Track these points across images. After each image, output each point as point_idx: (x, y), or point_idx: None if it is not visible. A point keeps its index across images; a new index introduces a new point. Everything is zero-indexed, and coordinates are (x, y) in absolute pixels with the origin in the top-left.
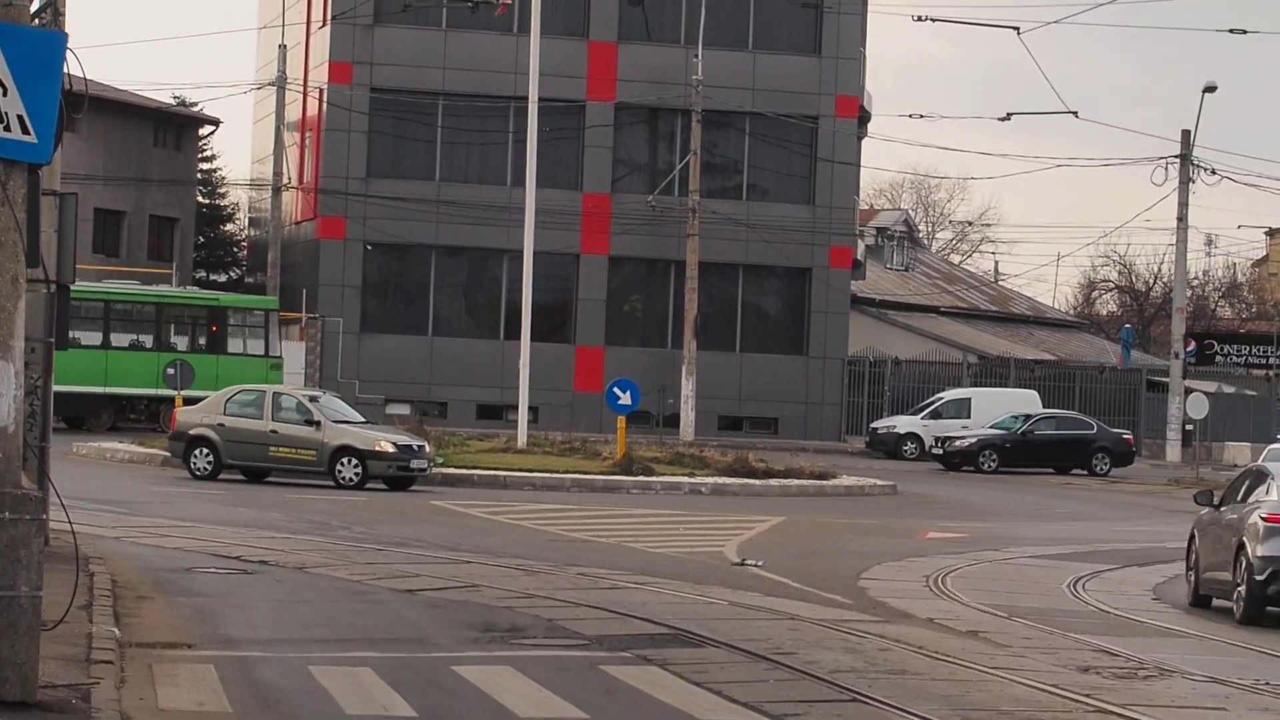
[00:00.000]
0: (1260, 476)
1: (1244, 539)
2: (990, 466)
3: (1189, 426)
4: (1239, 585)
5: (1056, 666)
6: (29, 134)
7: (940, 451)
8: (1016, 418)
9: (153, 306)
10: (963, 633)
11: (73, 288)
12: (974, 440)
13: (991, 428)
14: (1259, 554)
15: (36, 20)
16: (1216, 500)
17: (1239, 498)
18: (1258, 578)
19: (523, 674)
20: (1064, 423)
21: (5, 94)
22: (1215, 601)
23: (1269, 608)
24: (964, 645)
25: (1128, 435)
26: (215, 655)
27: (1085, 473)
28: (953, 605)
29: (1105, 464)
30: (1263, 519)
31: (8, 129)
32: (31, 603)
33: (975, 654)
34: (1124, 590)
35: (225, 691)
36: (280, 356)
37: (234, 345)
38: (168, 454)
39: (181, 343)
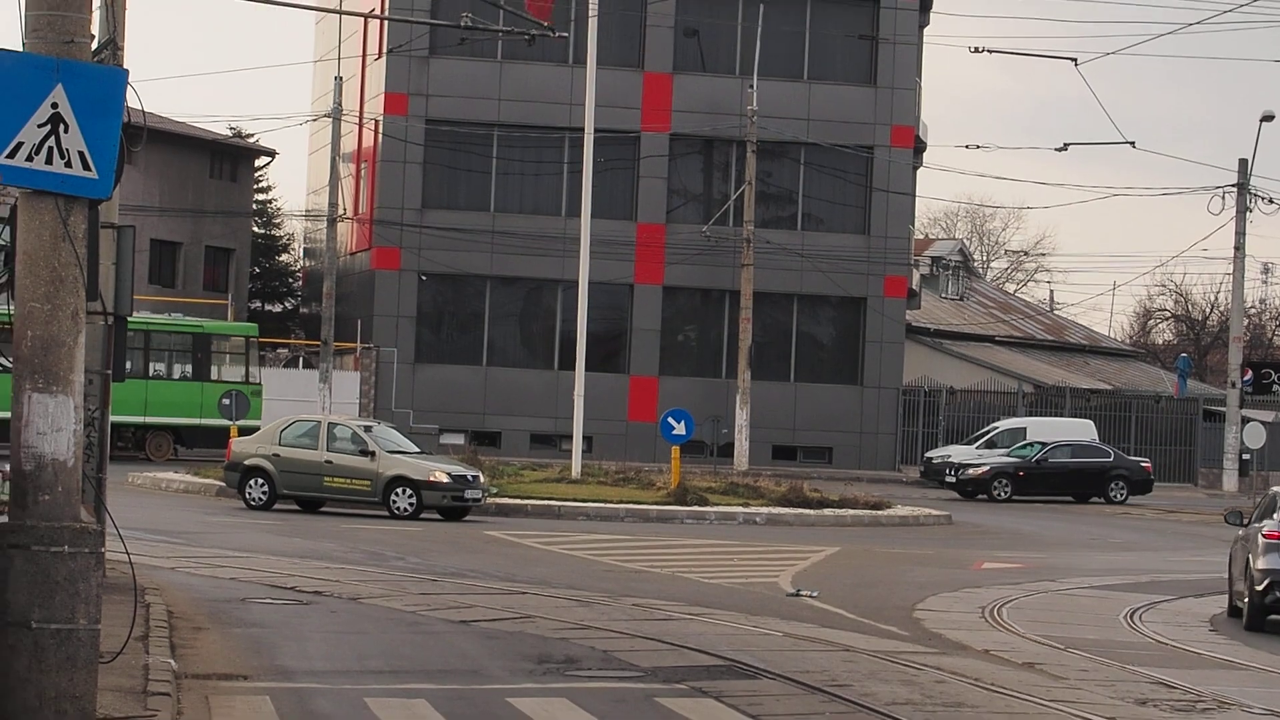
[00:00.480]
0: (1276, 499)
1: (1248, 554)
2: (1003, 495)
3: (1245, 456)
4: (1246, 596)
5: (1114, 699)
6: (90, 170)
7: (954, 480)
8: (1031, 445)
9: (139, 334)
10: (1019, 665)
11: None
12: (987, 468)
13: (1005, 455)
14: (1258, 567)
15: (97, 58)
16: (1246, 520)
17: (1259, 518)
18: (1257, 588)
19: (578, 706)
20: (1080, 450)
21: (67, 130)
22: (1267, 638)
23: (1270, 616)
24: (1020, 677)
25: (1146, 463)
26: (271, 687)
27: (1102, 501)
28: (1009, 637)
29: (1123, 492)
30: (1263, 536)
31: (69, 165)
32: (90, 635)
33: (1031, 686)
34: (1181, 621)
35: None
36: (260, 383)
37: (215, 372)
38: (223, 484)
39: (164, 369)
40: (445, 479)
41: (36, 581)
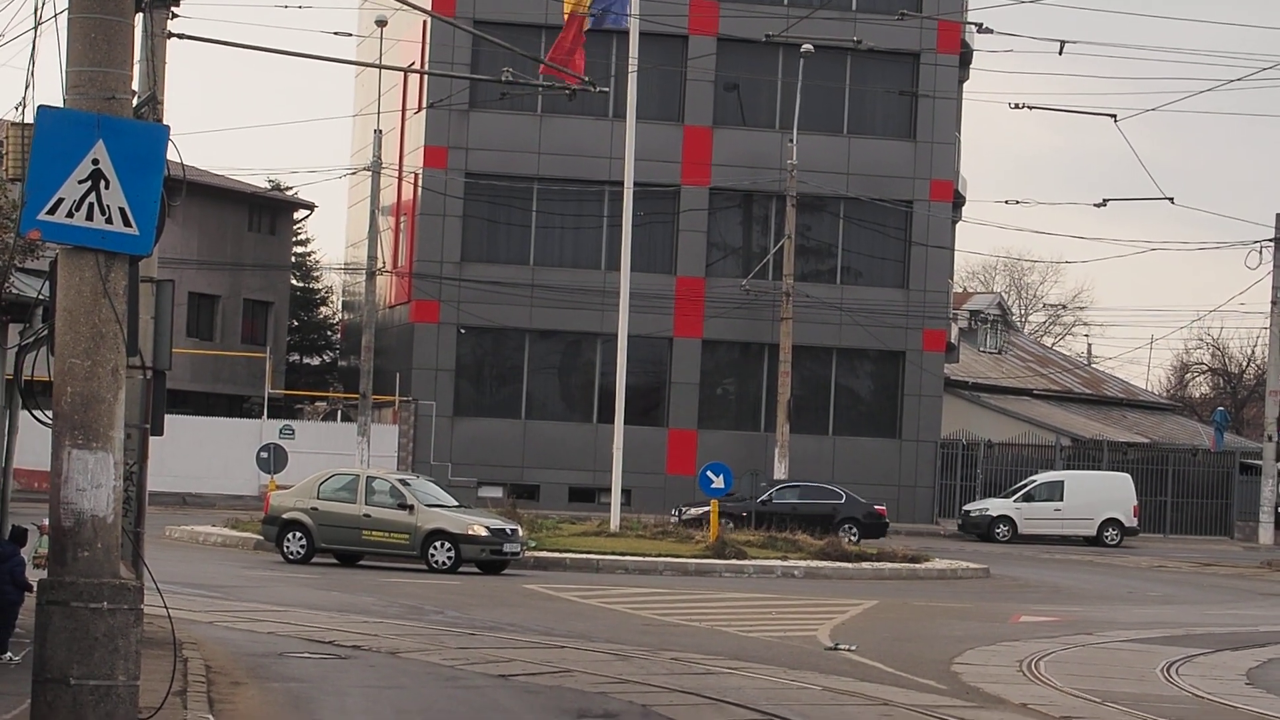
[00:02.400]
0: None
1: None
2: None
3: None
4: None
5: None
6: (130, 226)
7: (676, 519)
8: (759, 486)
9: None
10: (1056, 719)
11: None
12: (706, 510)
13: (731, 498)
14: None
15: (138, 114)
16: None
17: None
18: None
19: None
20: (809, 492)
21: (108, 187)
22: None
23: None
24: None
25: (880, 507)
26: None
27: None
28: (1046, 690)
29: (854, 535)
30: None
31: (110, 221)
32: (129, 692)
33: None
34: (1217, 675)
35: None
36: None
37: None
38: (260, 538)
39: None
40: (484, 533)
41: (76, 637)
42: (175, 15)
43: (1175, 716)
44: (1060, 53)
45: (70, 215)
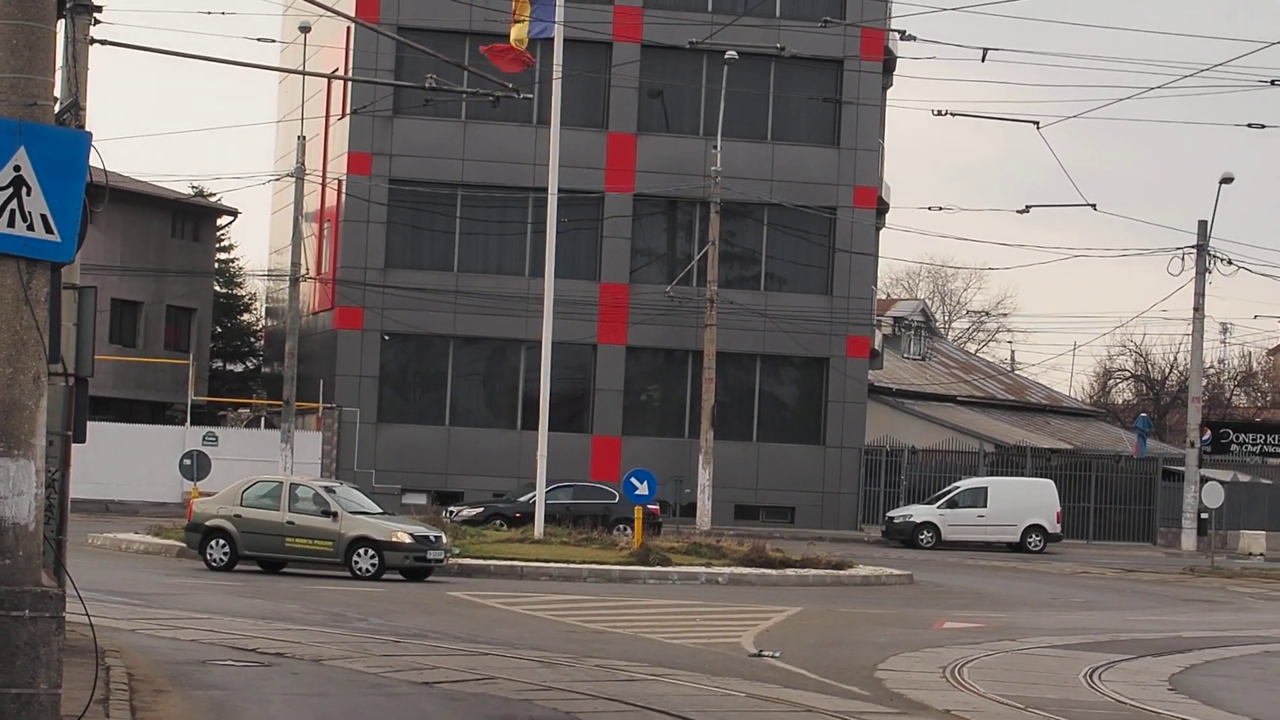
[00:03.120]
0: None
1: None
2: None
3: (1204, 515)
4: None
5: None
6: (52, 233)
7: (449, 519)
8: (530, 486)
9: None
10: None
11: None
12: (479, 510)
13: (504, 501)
14: None
15: (60, 120)
16: None
17: None
18: None
19: None
20: (582, 491)
21: (29, 193)
22: (1225, 697)
23: None
24: None
25: (655, 506)
26: None
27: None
28: (970, 696)
29: (628, 533)
30: None
31: (31, 228)
32: (50, 700)
33: None
34: (1141, 681)
35: None
36: None
37: None
38: (183, 545)
39: None
40: (408, 540)
41: None
42: (98, 21)
43: None
44: (983, 60)
45: None
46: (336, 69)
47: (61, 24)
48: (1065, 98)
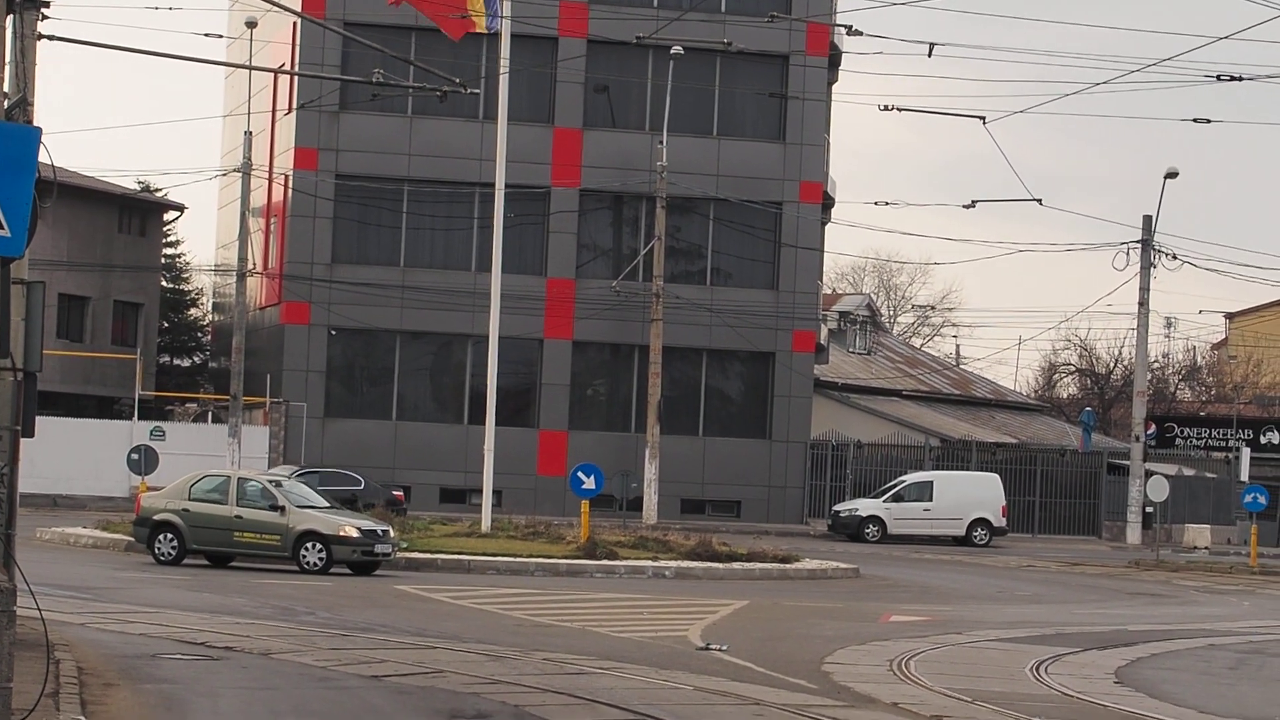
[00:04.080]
0: None
1: None
2: None
3: (1149, 509)
4: None
5: None
6: (2, 228)
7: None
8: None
9: None
10: (927, 718)
11: None
12: None
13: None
14: None
15: (8, 116)
16: None
17: None
18: None
19: None
20: (327, 478)
21: None
22: (1171, 689)
23: None
24: None
25: (398, 492)
26: None
27: None
28: (916, 690)
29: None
30: None
31: None
32: (2, 695)
33: None
34: (1086, 674)
35: None
36: None
37: None
38: (131, 539)
39: None
40: (355, 534)
41: None
42: (45, 17)
43: (1045, 715)
44: (929, 55)
45: None
46: (283, 64)
47: (9, 20)
48: (1012, 93)
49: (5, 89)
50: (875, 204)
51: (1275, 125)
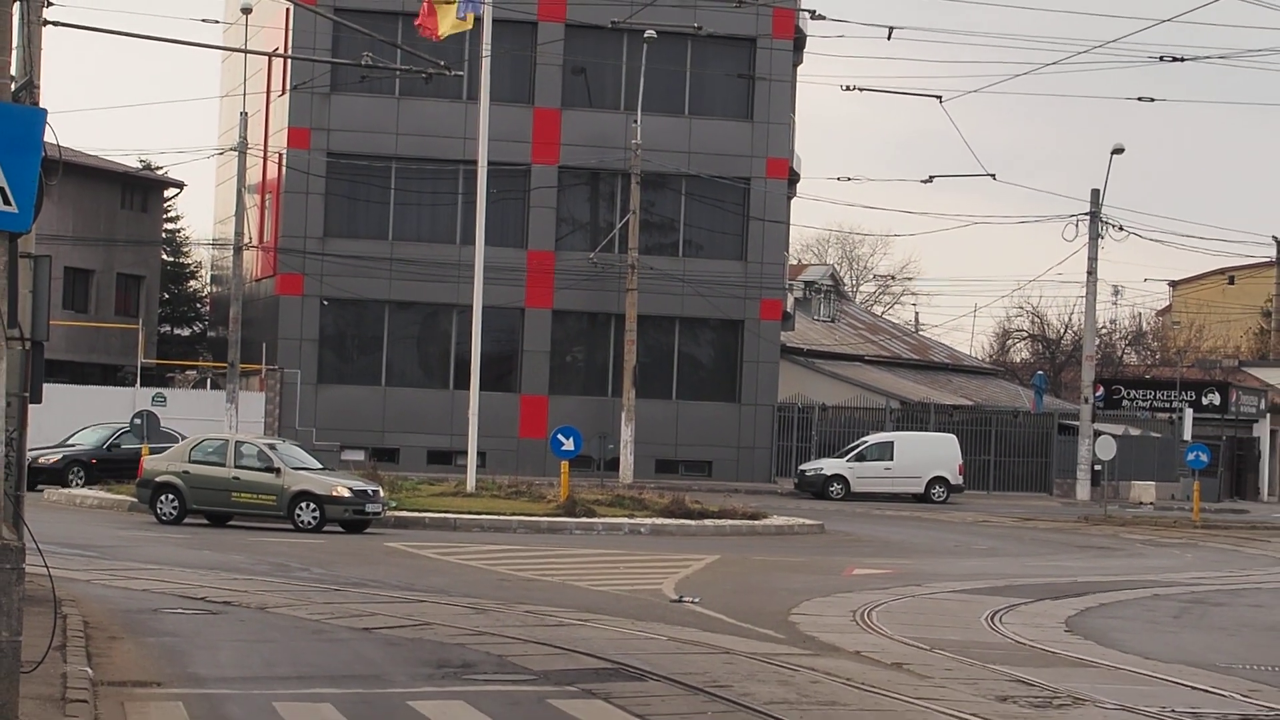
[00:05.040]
0: None
1: None
2: (80, 484)
3: (1098, 467)
4: None
5: (976, 696)
6: (10, 205)
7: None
8: (97, 430)
9: None
10: (888, 665)
11: None
12: (60, 457)
13: (73, 442)
14: None
15: (16, 98)
16: None
17: None
18: None
19: (475, 708)
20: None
21: None
22: (1118, 637)
23: None
24: (889, 677)
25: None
26: (184, 693)
27: None
28: (878, 639)
29: None
30: None
31: None
32: (12, 647)
33: (900, 685)
34: (1038, 623)
35: None
36: None
37: None
38: (135, 500)
39: None
40: (347, 494)
41: None
42: (51, 4)
43: (999, 662)
44: (889, 38)
45: None
46: (277, 48)
47: (16, 6)
48: (967, 73)
49: (12, 72)
50: (838, 179)
51: (1215, 103)
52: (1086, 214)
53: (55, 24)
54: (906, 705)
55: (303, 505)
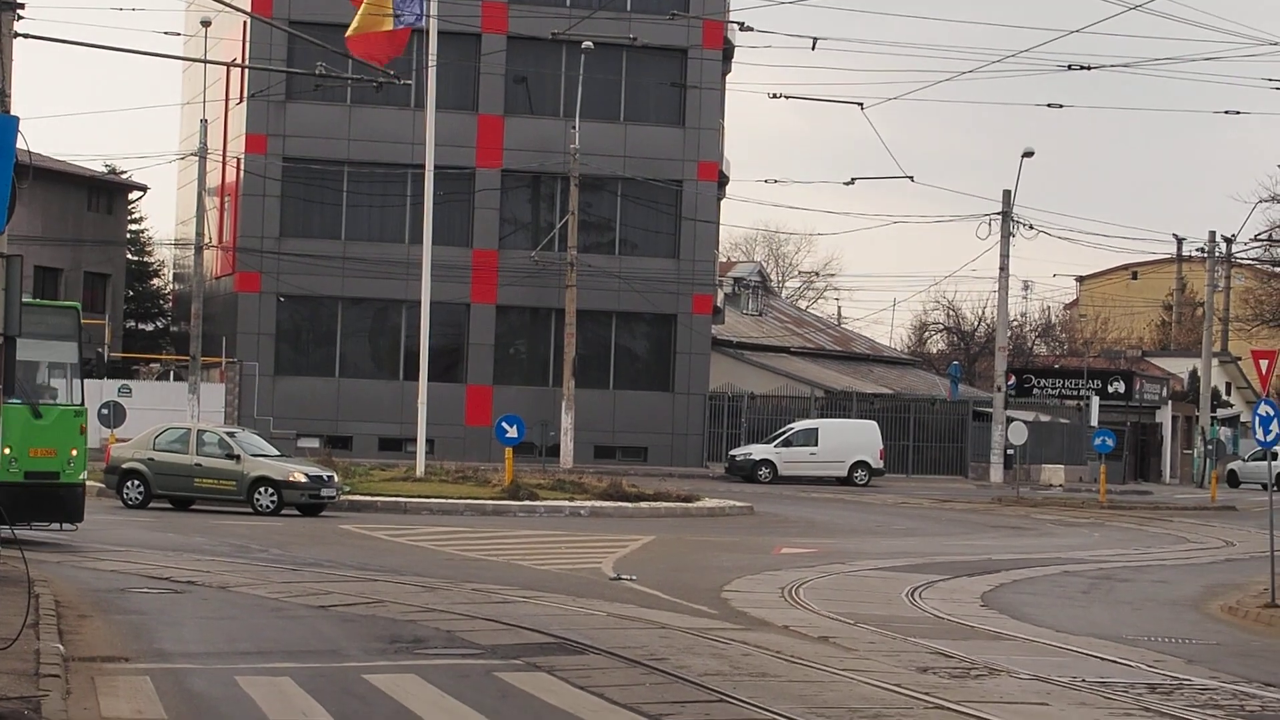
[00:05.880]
0: None
1: None
2: None
3: (1010, 451)
4: None
5: (898, 668)
6: None
7: None
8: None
9: None
10: (815, 638)
11: None
12: None
13: None
14: None
15: None
16: None
17: None
18: None
19: (426, 681)
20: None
21: None
22: (1031, 611)
23: None
24: (816, 650)
25: None
26: (150, 668)
27: None
28: (805, 614)
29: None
30: None
31: None
32: None
33: (826, 657)
34: (956, 598)
35: (160, 700)
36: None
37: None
38: (103, 485)
39: None
40: (303, 479)
41: None
42: (21, 18)
43: (919, 635)
44: (813, 48)
45: None
46: (235, 59)
47: None
48: (887, 81)
49: None
50: (765, 181)
51: (1120, 109)
52: (999, 214)
53: (26, 36)
54: (833, 676)
55: (261, 490)
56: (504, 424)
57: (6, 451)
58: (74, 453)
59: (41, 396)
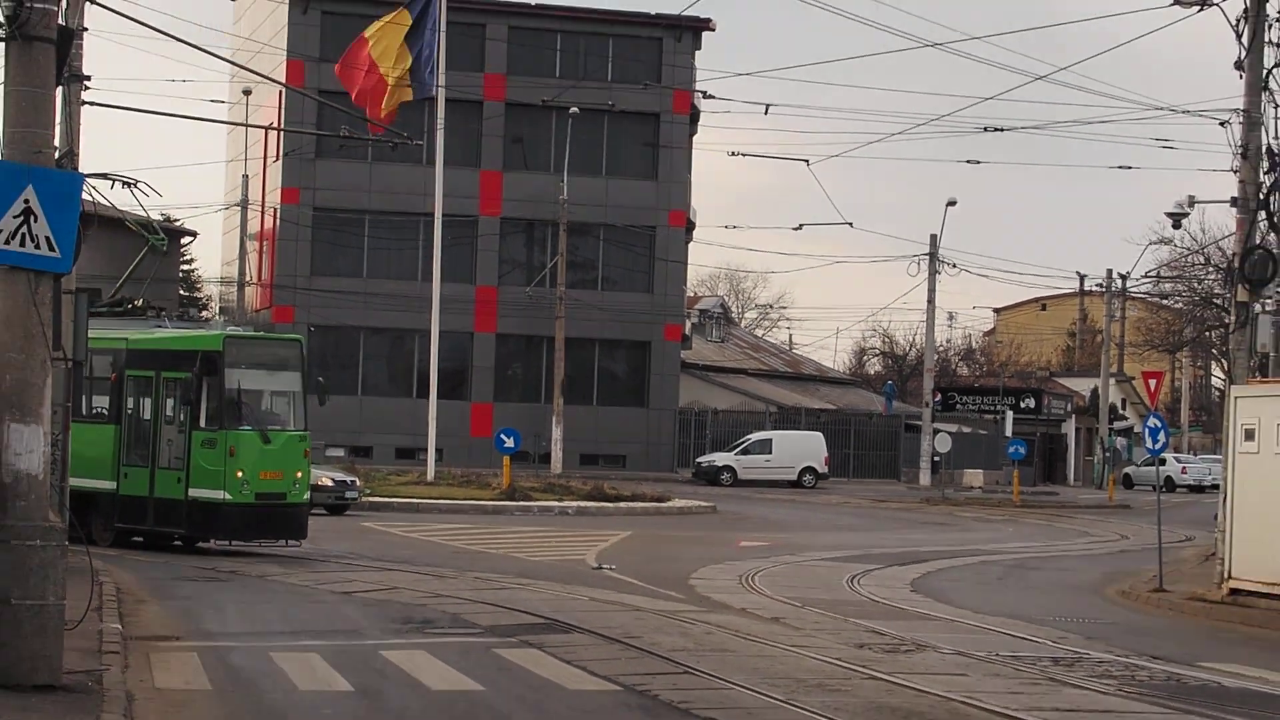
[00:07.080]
0: None
1: None
2: None
3: (936, 458)
4: None
5: (838, 644)
6: (54, 251)
7: None
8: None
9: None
10: (768, 619)
11: None
12: None
13: None
14: None
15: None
16: None
17: None
18: None
19: (434, 656)
20: None
21: (36, 221)
22: (953, 595)
23: None
24: (769, 629)
25: None
26: (197, 645)
27: None
28: (760, 598)
29: None
30: None
31: (38, 247)
32: (58, 609)
33: (777, 635)
34: (889, 584)
35: (206, 673)
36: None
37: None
38: None
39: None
40: (330, 483)
41: (15, 568)
42: (88, 88)
43: (858, 616)
44: (766, 113)
45: (8, 243)
46: (272, 122)
47: (60, 90)
48: (830, 141)
49: (56, 143)
50: (726, 227)
51: (1029, 165)
52: (926, 254)
53: (92, 104)
54: (783, 651)
55: None
56: (502, 435)
57: (240, 475)
58: (299, 475)
59: (270, 423)
